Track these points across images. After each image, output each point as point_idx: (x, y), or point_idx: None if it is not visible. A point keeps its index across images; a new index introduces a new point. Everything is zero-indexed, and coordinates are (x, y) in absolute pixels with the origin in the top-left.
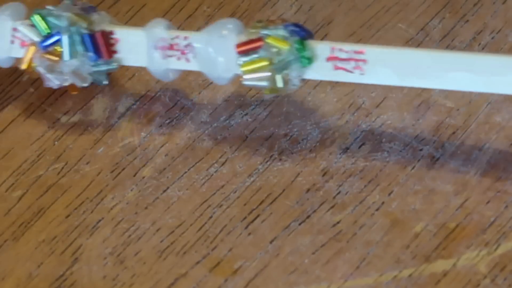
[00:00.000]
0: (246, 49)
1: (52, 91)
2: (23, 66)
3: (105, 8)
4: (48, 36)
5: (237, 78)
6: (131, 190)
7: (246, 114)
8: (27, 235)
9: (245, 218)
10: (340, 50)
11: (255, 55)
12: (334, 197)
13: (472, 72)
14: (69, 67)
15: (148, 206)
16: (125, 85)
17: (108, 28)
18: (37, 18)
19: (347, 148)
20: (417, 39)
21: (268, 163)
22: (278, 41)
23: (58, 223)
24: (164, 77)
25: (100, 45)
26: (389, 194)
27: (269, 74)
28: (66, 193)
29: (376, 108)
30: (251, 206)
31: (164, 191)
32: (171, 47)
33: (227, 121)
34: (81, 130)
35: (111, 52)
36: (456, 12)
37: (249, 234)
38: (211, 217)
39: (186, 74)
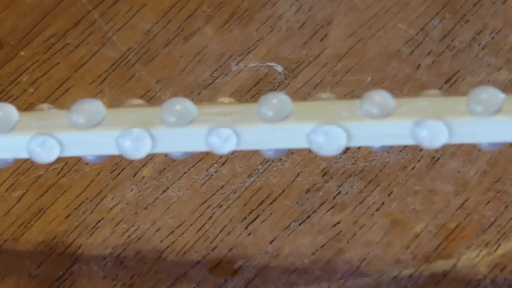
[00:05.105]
0: None
1: (51, 91)
2: None
3: (105, 9)
4: None
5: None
6: (131, 190)
7: None
8: (27, 235)
9: (245, 218)
10: None
11: None
12: (334, 198)
13: None
14: None
15: (148, 206)
16: (125, 85)
17: None
18: None
19: (347, 148)
20: (417, 40)
21: (268, 163)
22: None
23: (58, 223)
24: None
25: None
26: (389, 194)
27: None
28: (66, 193)
29: None
30: (251, 206)
31: (164, 191)
32: None
33: None
34: None
35: None
36: (456, 12)
37: (249, 234)
38: (211, 217)
39: (186, 74)
